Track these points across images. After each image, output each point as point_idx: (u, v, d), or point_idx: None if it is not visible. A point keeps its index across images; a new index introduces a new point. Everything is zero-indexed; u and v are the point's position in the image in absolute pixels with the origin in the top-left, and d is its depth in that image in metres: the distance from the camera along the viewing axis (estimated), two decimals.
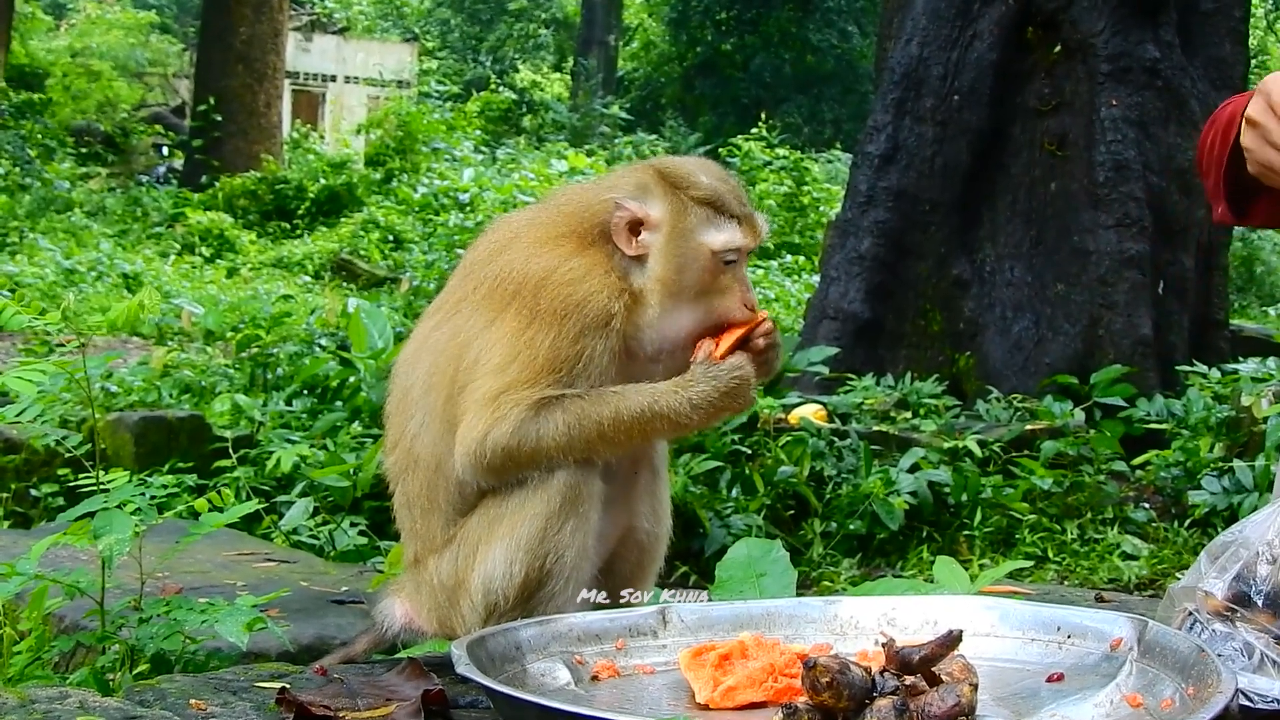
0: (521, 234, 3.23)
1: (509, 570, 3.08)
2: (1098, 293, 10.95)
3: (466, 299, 3.21)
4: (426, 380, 3.21)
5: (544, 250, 3.15)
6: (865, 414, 9.64)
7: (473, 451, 3.05)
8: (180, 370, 10.61)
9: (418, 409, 3.22)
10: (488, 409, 3.04)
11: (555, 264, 3.10)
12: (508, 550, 3.08)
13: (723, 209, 3.16)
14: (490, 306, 3.14)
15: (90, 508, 3.50)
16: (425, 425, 3.21)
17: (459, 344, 3.16)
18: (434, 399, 3.19)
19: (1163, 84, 11.32)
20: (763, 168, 26.26)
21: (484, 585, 3.11)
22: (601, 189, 3.26)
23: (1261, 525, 2.72)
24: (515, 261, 3.15)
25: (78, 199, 25.45)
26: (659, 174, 3.19)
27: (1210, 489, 8.04)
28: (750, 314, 3.18)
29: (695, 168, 3.22)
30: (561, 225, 3.21)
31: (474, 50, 49.02)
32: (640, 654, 2.91)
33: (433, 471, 3.20)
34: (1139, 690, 2.51)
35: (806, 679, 2.32)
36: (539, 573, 3.07)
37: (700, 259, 3.14)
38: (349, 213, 25.15)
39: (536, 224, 3.26)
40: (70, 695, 2.77)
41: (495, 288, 3.14)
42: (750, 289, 3.21)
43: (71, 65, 32.46)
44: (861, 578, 7.15)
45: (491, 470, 3.07)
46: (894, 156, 11.55)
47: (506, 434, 3.02)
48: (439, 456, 3.19)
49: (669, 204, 3.14)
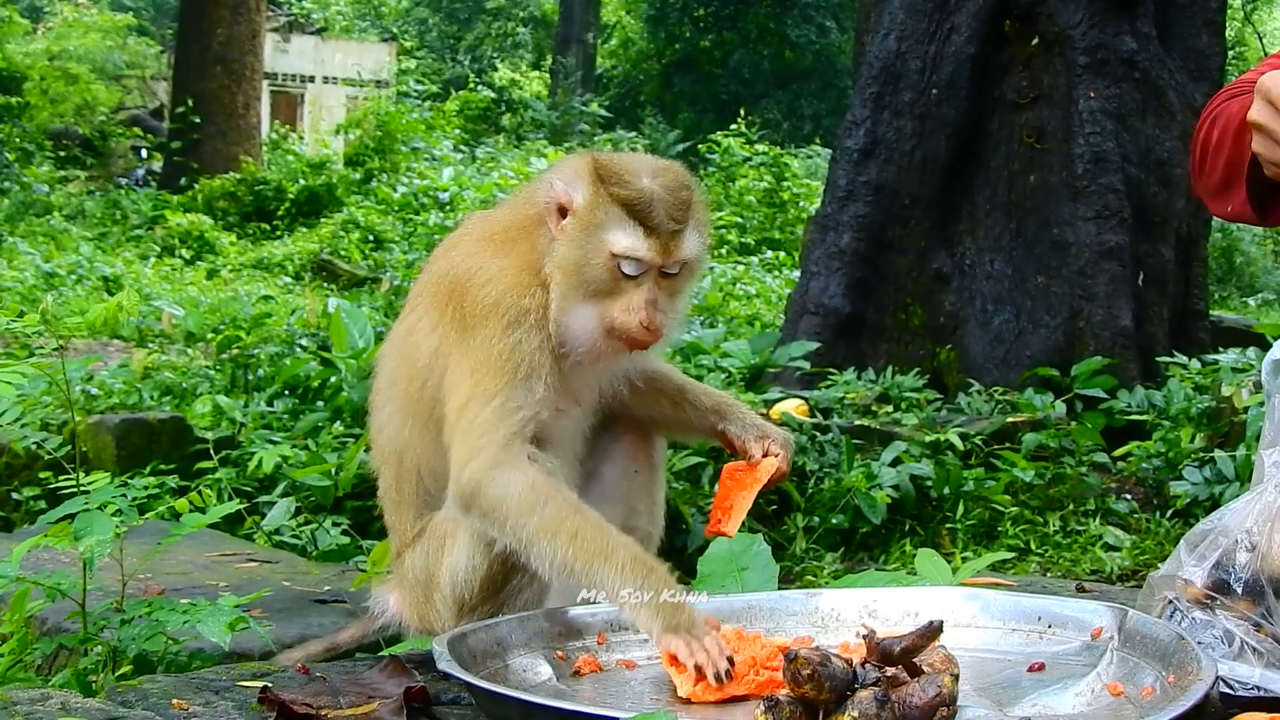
0: (469, 232, 3.29)
1: (470, 564, 3.08)
2: (1078, 285, 10.97)
3: (421, 295, 3.27)
4: (392, 374, 3.24)
5: (474, 250, 3.18)
6: (847, 408, 9.65)
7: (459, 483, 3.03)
8: (161, 372, 10.58)
9: (385, 404, 3.26)
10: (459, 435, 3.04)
11: (478, 265, 3.12)
12: (469, 544, 3.08)
13: (639, 215, 3.02)
14: (435, 306, 3.18)
15: (71, 510, 3.49)
16: (390, 419, 3.24)
17: (412, 342, 3.22)
18: (396, 391, 3.22)
19: (1140, 76, 11.34)
20: (742, 164, 26.29)
21: (450, 580, 3.12)
22: (548, 175, 3.25)
23: (1240, 513, 2.73)
24: (453, 262, 3.19)
25: (57, 202, 25.38)
26: (594, 164, 3.10)
27: (1192, 479, 8.05)
28: (645, 334, 3.04)
29: (639, 169, 3.09)
30: (501, 220, 3.25)
31: (452, 49, 49.00)
32: (622, 648, 2.91)
33: (397, 465, 3.23)
34: (1120, 679, 2.52)
35: (788, 671, 2.32)
36: (502, 566, 3.06)
37: (599, 258, 3.02)
38: (329, 213, 25.09)
39: (483, 220, 3.32)
40: (52, 697, 2.77)
41: (437, 289, 3.19)
42: (655, 310, 3.05)
43: (49, 68, 32.33)
44: (844, 572, 7.16)
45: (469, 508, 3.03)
46: (873, 151, 11.56)
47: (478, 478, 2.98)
48: (401, 449, 3.21)
49: (589, 194, 3.05)
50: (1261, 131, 3.07)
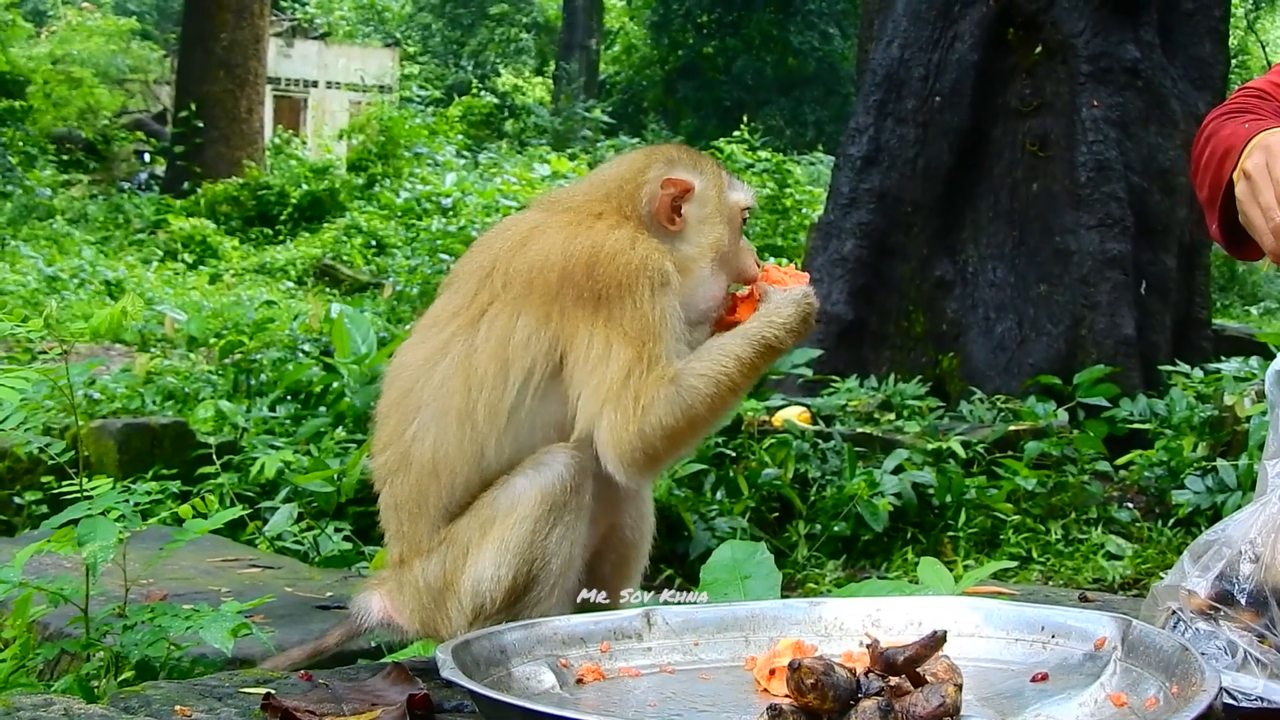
0: (543, 223, 3.21)
1: (497, 574, 3.08)
2: (1080, 293, 10.97)
3: (497, 299, 3.13)
4: (443, 382, 3.13)
5: (580, 231, 3.13)
6: (849, 416, 9.65)
7: (635, 446, 3.03)
8: (163, 377, 10.59)
9: (423, 410, 3.17)
10: (625, 400, 3.02)
11: (599, 240, 3.09)
12: (497, 553, 3.08)
13: (731, 176, 3.36)
14: (535, 300, 3.09)
15: (74, 515, 3.49)
16: (428, 427, 3.16)
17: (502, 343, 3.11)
18: (451, 400, 3.11)
19: (1143, 84, 11.35)
20: (745, 170, 26.26)
21: (473, 588, 3.11)
22: (615, 178, 3.29)
23: (1244, 524, 2.73)
24: (550, 247, 3.11)
25: (59, 206, 25.40)
26: (678, 150, 3.34)
27: (1194, 488, 8.06)
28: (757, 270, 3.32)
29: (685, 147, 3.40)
30: (587, 209, 3.21)
31: (455, 55, 48.98)
32: (625, 657, 2.91)
33: (427, 475, 3.18)
34: (1123, 689, 2.52)
35: (791, 680, 2.32)
36: (526, 577, 3.07)
37: (734, 219, 3.30)
38: (331, 218, 25.09)
39: (557, 213, 3.25)
40: (55, 703, 2.77)
41: (534, 279, 3.09)
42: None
43: (52, 72, 32.34)
44: (846, 579, 7.16)
45: (653, 459, 3.07)
46: (876, 158, 11.57)
47: (664, 415, 3.02)
48: (437, 460, 3.16)
49: (701, 172, 3.27)
50: (1249, 181, 3.10)
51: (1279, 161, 3.05)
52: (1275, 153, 3.07)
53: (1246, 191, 3.13)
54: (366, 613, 3.33)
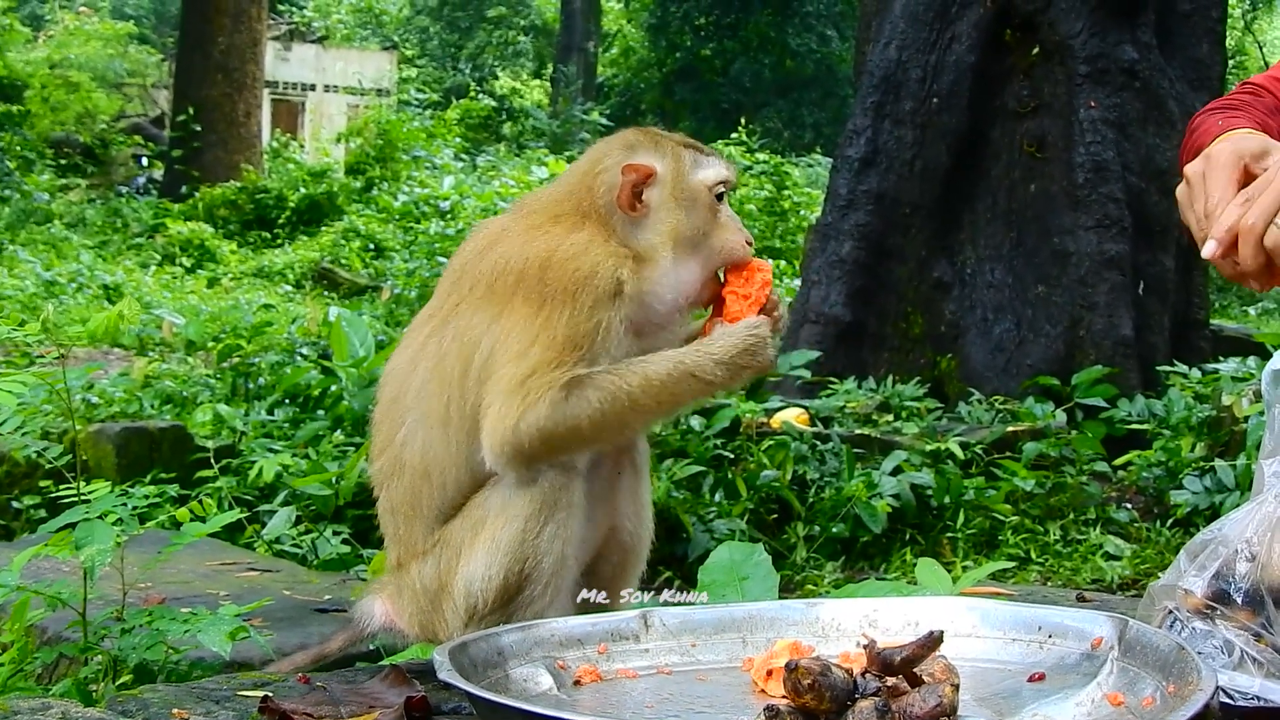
0: (509, 227, 3.22)
1: (488, 573, 3.08)
2: (1078, 294, 10.98)
3: (464, 300, 3.16)
4: (421, 386, 3.17)
5: (538, 235, 3.13)
6: (847, 417, 9.65)
7: (507, 440, 3.01)
8: (161, 381, 10.59)
9: (409, 415, 3.20)
10: (517, 395, 3.00)
11: (554, 244, 3.09)
12: (488, 553, 3.08)
13: (699, 149, 3.26)
14: (493, 301, 3.11)
15: (72, 519, 3.49)
16: (415, 431, 3.19)
17: (465, 344, 3.12)
18: (430, 404, 3.16)
19: (1141, 85, 11.35)
20: (743, 172, 26.28)
21: (465, 589, 3.11)
22: (578, 173, 3.28)
23: (1240, 523, 2.73)
24: (510, 251, 3.12)
25: (57, 210, 25.41)
26: (636, 134, 3.27)
27: (1192, 489, 8.06)
28: (748, 246, 3.26)
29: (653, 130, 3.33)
30: (548, 211, 3.21)
31: (453, 58, 49.00)
32: (623, 658, 2.91)
33: (419, 478, 3.19)
34: (1120, 689, 2.52)
35: (788, 681, 2.32)
36: (518, 576, 3.07)
37: (700, 198, 3.19)
38: (329, 221, 25.10)
39: (522, 216, 3.25)
40: (53, 706, 2.77)
41: (494, 281, 3.11)
42: (741, 225, 3.29)
43: (50, 76, 32.35)
44: (844, 581, 7.16)
45: (526, 457, 3.03)
46: (874, 160, 11.57)
47: (542, 417, 2.98)
48: (428, 463, 3.18)
49: (662, 154, 3.20)
50: (1187, 185, 3.10)
51: (1216, 172, 3.04)
52: (1214, 163, 3.06)
53: (1185, 196, 3.12)
54: (369, 617, 3.34)
